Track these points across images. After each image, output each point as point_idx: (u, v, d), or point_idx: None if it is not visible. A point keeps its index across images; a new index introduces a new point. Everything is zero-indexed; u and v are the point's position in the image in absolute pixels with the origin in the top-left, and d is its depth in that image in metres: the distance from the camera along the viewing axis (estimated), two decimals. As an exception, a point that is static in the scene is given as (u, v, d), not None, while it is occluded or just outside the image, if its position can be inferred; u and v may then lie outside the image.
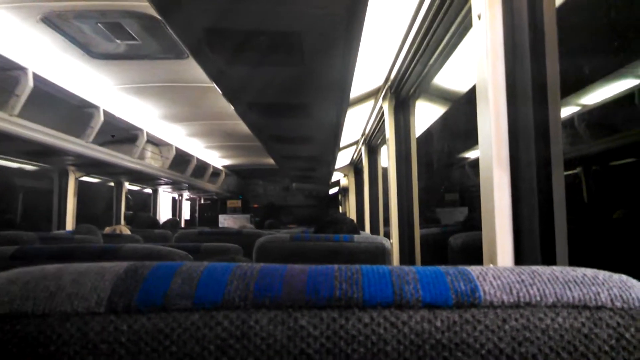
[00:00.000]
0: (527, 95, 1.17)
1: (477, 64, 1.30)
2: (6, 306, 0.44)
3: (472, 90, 1.52)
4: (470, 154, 6.42)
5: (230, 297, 0.44)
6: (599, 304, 0.43)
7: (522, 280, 0.45)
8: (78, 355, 0.42)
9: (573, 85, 3.12)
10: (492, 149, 1.19)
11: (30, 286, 0.45)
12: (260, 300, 0.44)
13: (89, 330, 0.42)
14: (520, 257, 1.14)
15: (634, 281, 0.46)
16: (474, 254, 1.83)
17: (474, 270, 0.47)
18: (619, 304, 0.43)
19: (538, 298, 0.43)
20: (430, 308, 0.43)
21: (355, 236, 2.00)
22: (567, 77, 1.18)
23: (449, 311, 0.43)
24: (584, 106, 3.57)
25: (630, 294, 0.44)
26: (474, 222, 2.79)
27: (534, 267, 0.48)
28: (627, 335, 0.42)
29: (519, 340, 0.41)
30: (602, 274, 0.46)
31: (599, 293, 0.44)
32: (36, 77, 2.96)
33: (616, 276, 0.46)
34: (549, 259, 1.09)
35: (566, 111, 3.62)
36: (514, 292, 0.44)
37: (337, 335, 0.42)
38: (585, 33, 2.28)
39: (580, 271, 0.47)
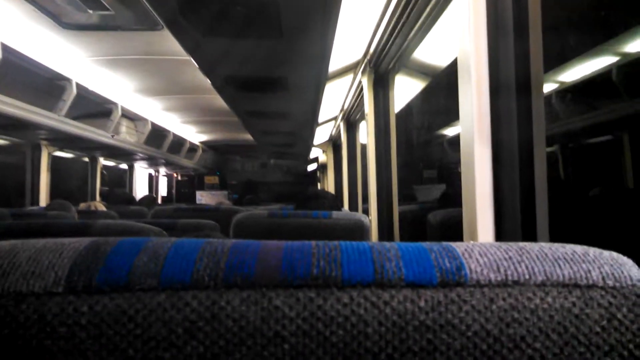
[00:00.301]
0: (510, 70, 1.14)
1: (459, 37, 1.27)
2: None
3: (453, 65, 1.49)
4: (450, 131, 6.44)
5: (199, 276, 0.41)
6: (590, 282, 0.41)
7: (510, 258, 0.43)
8: (34, 339, 0.39)
9: (552, 61, 3.12)
10: (473, 125, 1.17)
11: None
12: (231, 279, 0.41)
13: (46, 311, 0.39)
14: (501, 234, 1.13)
15: (625, 259, 0.44)
16: (454, 230, 1.82)
17: (459, 246, 0.45)
18: (610, 283, 0.41)
19: (527, 276, 0.41)
20: (414, 287, 0.41)
21: (334, 213, 1.98)
22: (548, 52, 1.16)
23: (434, 290, 0.40)
24: (562, 83, 3.58)
25: (622, 272, 0.42)
26: (453, 198, 2.80)
27: (521, 244, 0.46)
28: (619, 316, 0.40)
29: (506, 321, 0.39)
30: (593, 251, 0.44)
31: (590, 271, 0.42)
32: (5, 48, 2.86)
33: (607, 253, 0.44)
34: (530, 236, 1.08)
35: (545, 87, 3.62)
36: (502, 270, 0.42)
37: (314, 316, 0.39)
38: (567, 7, 2.26)
39: (569, 248, 0.45)
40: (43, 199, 4.85)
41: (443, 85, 3.44)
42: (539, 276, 0.41)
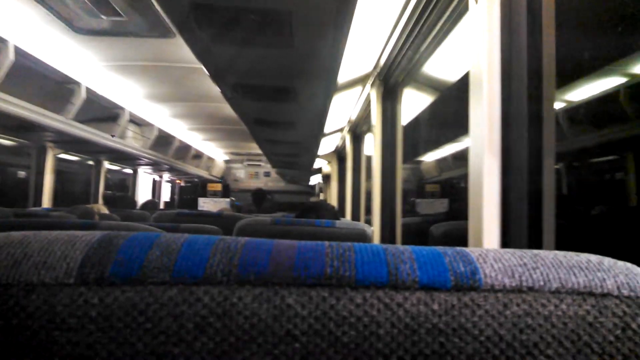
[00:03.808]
0: (522, 82, 1.14)
1: (472, 49, 1.28)
2: None
3: (465, 78, 1.49)
4: (455, 146, 6.44)
5: (212, 272, 0.41)
6: (605, 291, 0.41)
7: (525, 264, 0.42)
8: (44, 330, 0.38)
9: (562, 79, 3.12)
10: (483, 135, 1.17)
11: None
12: (244, 275, 0.40)
13: (56, 302, 0.39)
14: (507, 244, 1.12)
15: None
16: (456, 243, 1.82)
17: (473, 251, 0.44)
18: (625, 292, 0.41)
19: (541, 283, 0.41)
20: (427, 290, 0.40)
21: (337, 222, 1.98)
22: (558, 68, 1.16)
23: (447, 294, 0.40)
24: (569, 102, 3.58)
25: (637, 282, 0.42)
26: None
27: (535, 251, 0.45)
28: (634, 325, 0.39)
29: (520, 327, 0.39)
30: (607, 260, 0.44)
31: (604, 280, 0.41)
32: (17, 50, 2.89)
33: (621, 263, 0.44)
34: (536, 247, 1.07)
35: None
36: (516, 275, 0.41)
37: (326, 315, 0.39)
38: (580, 26, 2.27)
39: (584, 256, 0.44)
40: (46, 200, 4.85)
41: (452, 99, 3.43)
42: (553, 283, 0.41)
